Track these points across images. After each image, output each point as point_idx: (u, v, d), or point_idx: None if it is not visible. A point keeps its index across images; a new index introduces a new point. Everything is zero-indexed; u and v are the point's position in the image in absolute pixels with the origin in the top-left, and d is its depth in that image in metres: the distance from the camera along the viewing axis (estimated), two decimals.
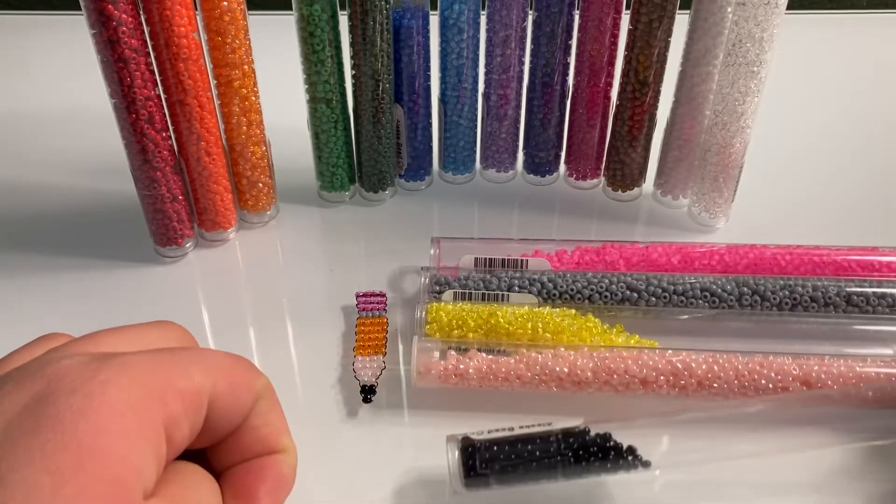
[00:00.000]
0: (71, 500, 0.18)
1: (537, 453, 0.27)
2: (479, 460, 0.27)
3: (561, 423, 0.28)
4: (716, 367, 0.31)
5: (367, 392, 0.33)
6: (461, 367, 0.32)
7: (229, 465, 0.25)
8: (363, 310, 0.37)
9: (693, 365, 0.31)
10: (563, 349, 0.32)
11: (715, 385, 0.31)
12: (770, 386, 0.31)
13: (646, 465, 0.28)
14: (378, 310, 0.37)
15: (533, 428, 0.28)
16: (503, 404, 0.33)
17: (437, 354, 0.32)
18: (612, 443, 0.28)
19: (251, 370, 0.25)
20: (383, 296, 0.38)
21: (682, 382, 0.31)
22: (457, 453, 0.27)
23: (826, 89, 0.63)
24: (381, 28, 0.40)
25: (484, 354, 0.32)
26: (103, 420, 0.19)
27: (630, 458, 0.28)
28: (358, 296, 0.38)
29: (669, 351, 0.32)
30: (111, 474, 0.19)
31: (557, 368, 0.31)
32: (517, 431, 0.28)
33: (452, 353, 0.32)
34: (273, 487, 0.24)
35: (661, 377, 0.31)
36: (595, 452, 0.27)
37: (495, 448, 0.27)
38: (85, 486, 0.18)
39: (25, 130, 0.56)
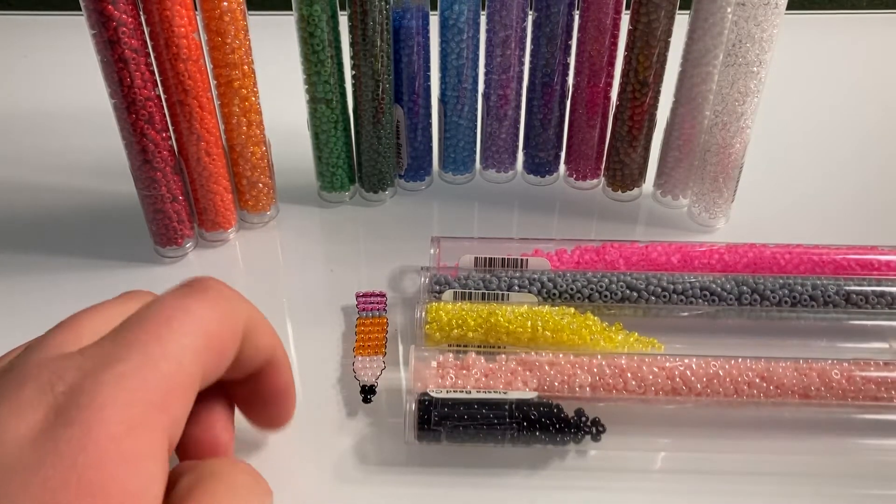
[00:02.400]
0: None
1: (490, 416, 0.30)
2: (433, 415, 0.30)
3: (516, 393, 0.31)
4: (715, 381, 0.31)
5: (367, 392, 0.33)
6: (459, 381, 0.32)
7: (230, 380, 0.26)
8: (363, 310, 0.37)
9: (693, 378, 0.31)
10: (561, 358, 0.32)
11: (714, 397, 0.31)
12: (769, 401, 0.31)
13: (595, 438, 0.30)
14: (378, 310, 0.37)
15: (490, 394, 0.30)
16: None
17: (434, 364, 0.32)
18: (562, 415, 0.30)
19: (232, 316, 0.24)
20: (383, 296, 0.38)
21: (679, 398, 0.31)
22: (413, 406, 0.30)
23: (826, 89, 0.63)
24: (381, 28, 0.40)
25: (483, 361, 0.32)
26: (103, 451, 0.19)
27: (577, 431, 0.30)
28: (358, 296, 0.38)
29: (668, 363, 0.32)
30: None
31: (557, 384, 0.31)
32: (474, 395, 0.30)
33: (450, 361, 0.32)
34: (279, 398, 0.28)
35: (661, 392, 0.31)
36: (544, 423, 0.30)
37: (450, 406, 0.30)
38: None
39: (25, 130, 0.56)
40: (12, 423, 0.19)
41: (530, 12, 0.43)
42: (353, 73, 0.42)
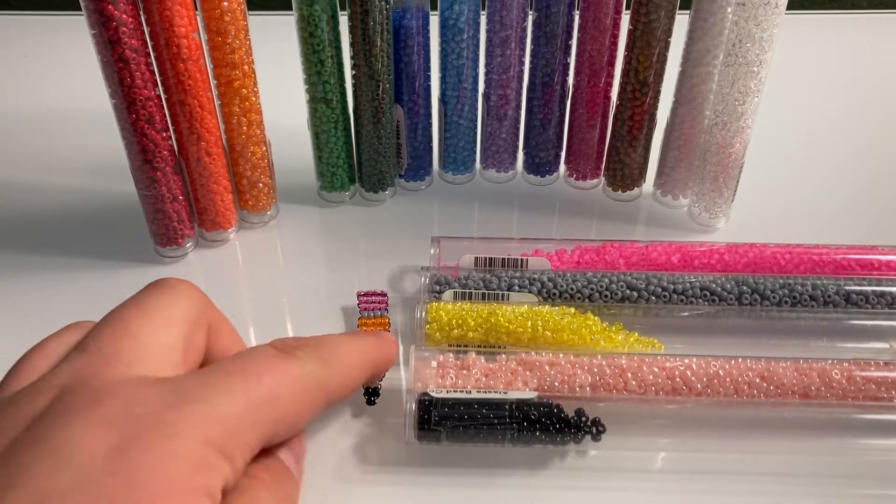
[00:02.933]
0: None
1: (490, 416, 0.30)
2: (433, 416, 0.29)
3: (516, 394, 0.31)
4: (715, 381, 0.31)
5: (371, 394, 0.33)
6: (459, 382, 0.32)
7: None
8: (364, 310, 0.37)
9: (693, 378, 0.31)
10: (561, 358, 0.32)
11: (714, 397, 0.31)
12: (769, 401, 0.31)
13: (595, 438, 0.30)
14: (379, 310, 0.37)
15: (490, 394, 0.30)
16: None
17: (434, 364, 0.32)
18: (562, 415, 0.30)
19: (316, 390, 0.25)
20: (384, 295, 0.38)
21: (679, 398, 0.31)
22: (413, 406, 0.30)
23: (826, 89, 0.63)
24: (381, 28, 0.40)
25: (483, 361, 0.32)
26: (172, 483, 0.19)
27: (577, 431, 0.30)
28: (359, 295, 0.38)
29: (668, 363, 0.32)
30: None
31: (557, 384, 0.31)
32: (474, 395, 0.30)
33: (450, 361, 0.32)
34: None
35: (661, 392, 0.31)
36: (544, 423, 0.30)
37: (450, 406, 0.30)
38: None
39: (25, 130, 0.56)
40: (88, 437, 0.19)
41: (530, 12, 0.43)
42: (353, 73, 0.42)
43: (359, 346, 0.28)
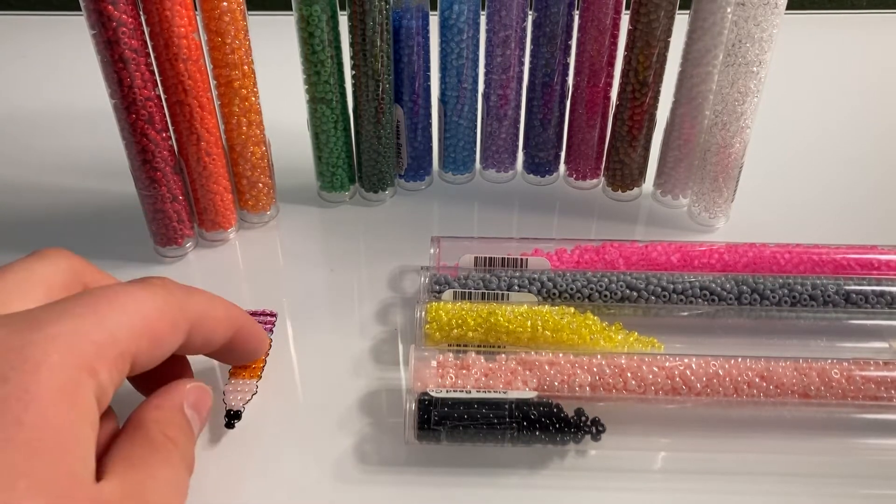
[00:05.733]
0: (25, 497, 0.18)
1: (490, 416, 0.30)
2: (433, 415, 0.30)
3: (516, 393, 0.31)
4: (715, 381, 0.31)
5: (232, 417, 0.31)
6: (459, 381, 0.32)
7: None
8: None
9: (693, 378, 0.31)
10: (560, 358, 0.32)
11: (714, 397, 0.31)
12: (768, 401, 0.31)
13: (595, 438, 0.30)
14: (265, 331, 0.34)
15: (489, 393, 0.30)
16: None
17: (434, 364, 0.32)
18: (562, 414, 0.30)
19: (175, 311, 0.25)
20: (273, 315, 0.36)
21: (679, 398, 0.31)
22: (413, 406, 0.30)
23: (826, 89, 0.63)
24: (380, 28, 0.40)
25: (483, 360, 0.32)
26: (43, 411, 0.19)
27: (577, 431, 0.30)
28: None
29: (668, 363, 0.32)
30: (61, 467, 0.19)
31: (557, 384, 0.31)
32: (474, 395, 0.30)
33: (450, 361, 0.32)
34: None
35: (661, 392, 0.31)
36: (544, 422, 0.30)
37: (450, 406, 0.30)
38: (37, 481, 0.18)
39: (25, 130, 0.56)
40: None
41: (530, 12, 0.43)
42: (353, 73, 0.42)
43: (228, 303, 0.29)
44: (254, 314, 0.36)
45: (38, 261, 0.26)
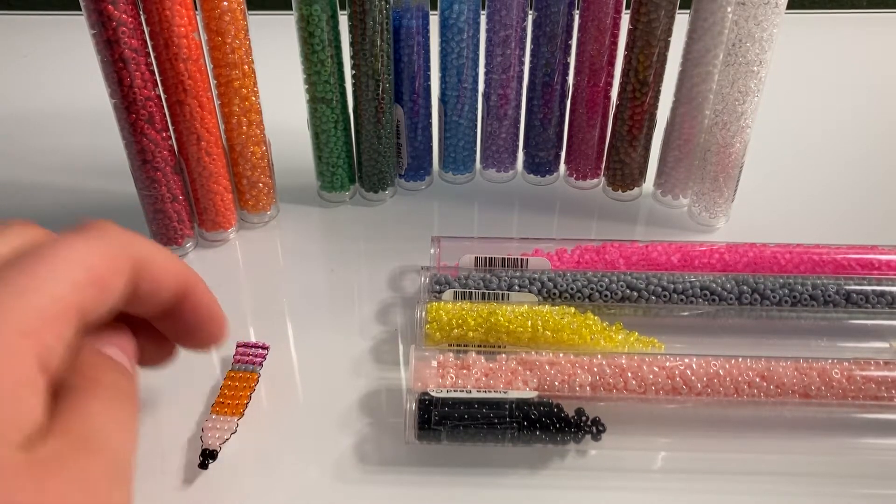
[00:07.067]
0: None
1: (490, 415, 0.30)
2: (433, 415, 0.30)
3: (516, 393, 0.30)
4: (715, 381, 0.31)
5: (207, 457, 0.30)
6: (459, 381, 0.32)
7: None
8: (237, 362, 0.34)
9: (693, 378, 0.31)
10: (561, 358, 0.32)
11: (714, 396, 0.31)
12: (769, 401, 0.31)
13: (595, 437, 0.30)
14: (253, 364, 0.34)
15: (490, 393, 0.30)
16: None
17: (434, 364, 0.32)
18: (562, 414, 0.30)
19: (118, 252, 0.24)
20: (266, 349, 0.35)
21: (679, 398, 0.31)
22: (414, 406, 0.30)
23: (826, 89, 0.63)
24: (381, 28, 0.40)
25: (483, 360, 0.32)
26: None
27: (577, 430, 0.30)
28: (238, 345, 0.35)
29: (668, 363, 0.32)
30: None
31: (557, 383, 0.31)
32: (474, 395, 0.30)
33: (450, 360, 0.32)
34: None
35: (661, 391, 0.31)
36: (544, 422, 0.30)
37: (451, 406, 0.30)
38: None
39: (25, 130, 0.56)
40: None
41: (530, 12, 0.43)
42: (353, 73, 0.42)
43: (179, 259, 0.27)
44: (245, 346, 0.35)
45: (81, 243, 0.24)
